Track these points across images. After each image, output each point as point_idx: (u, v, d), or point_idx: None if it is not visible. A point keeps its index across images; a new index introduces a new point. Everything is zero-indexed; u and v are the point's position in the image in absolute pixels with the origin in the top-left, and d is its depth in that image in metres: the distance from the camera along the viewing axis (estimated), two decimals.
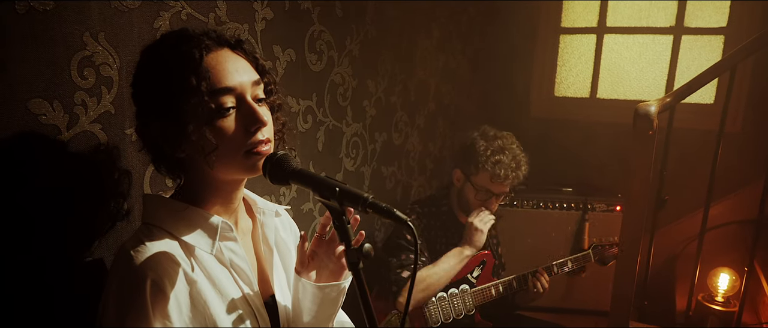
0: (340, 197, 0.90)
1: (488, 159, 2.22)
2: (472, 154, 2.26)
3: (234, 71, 0.97)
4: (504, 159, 2.22)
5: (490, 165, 2.21)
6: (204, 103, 0.92)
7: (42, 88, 0.99)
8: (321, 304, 1.14)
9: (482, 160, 2.22)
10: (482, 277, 2.38)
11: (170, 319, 0.92)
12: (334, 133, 2.09)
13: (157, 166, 1.04)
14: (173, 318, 0.92)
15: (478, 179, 2.27)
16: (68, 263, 1.06)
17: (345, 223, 0.92)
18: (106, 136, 1.12)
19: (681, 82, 2.32)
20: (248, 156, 0.98)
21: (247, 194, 1.17)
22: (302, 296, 1.15)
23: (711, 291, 2.72)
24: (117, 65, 1.13)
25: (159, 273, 0.92)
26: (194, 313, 0.96)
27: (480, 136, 2.29)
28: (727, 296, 2.66)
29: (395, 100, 2.58)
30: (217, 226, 1.02)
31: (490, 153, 2.23)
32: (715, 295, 2.69)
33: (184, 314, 0.95)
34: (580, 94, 3.89)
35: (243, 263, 1.06)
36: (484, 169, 2.23)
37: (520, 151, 2.29)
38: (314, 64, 1.90)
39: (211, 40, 0.97)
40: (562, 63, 3.89)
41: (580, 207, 3.27)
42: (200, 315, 0.97)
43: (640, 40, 3.66)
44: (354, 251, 0.90)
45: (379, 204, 0.87)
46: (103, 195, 1.13)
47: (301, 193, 1.93)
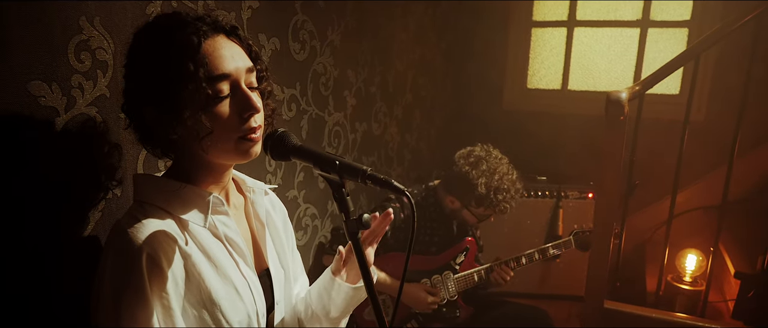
0: (340, 170, 0.94)
1: (492, 199, 2.24)
2: (471, 192, 2.25)
3: (230, 58, 0.98)
4: (507, 197, 2.26)
5: (495, 204, 2.25)
6: (201, 90, 0.93)
7: (41, 71, 1.01)
8: (350, 301, 1.26)
9: (486, 201, 2.25)
10: (465, 263, 2.44)
11: (167, 291, 0.94)
12: (317, 122, 2.12)
13: (145, 145, 1.06)
14: (169, 291, 0.95)
15: (480, 211, 2.32)
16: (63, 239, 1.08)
17: (344, 195, 0.95)
18: (101, 119, 1.14)
19: (648, 73, 2.41)
20: (241, 142, 1.00)
21: (235, 174, 1.20)
22: (335, 295, 1.25)
23: (679, 272, 2.83)
24: (112, 50, 1.15)
25: (154, 247, 0.94)
26: (189, 286, 0.99)
27: (474, 170, 2.26)
28: (694, 276, 2.78)
29: (374, 90, 2.63)
30: (209, 201, 1.04)
31: (493, 194, 2.23)
32: (683, 275, 2.80)
33: (179, 287, 0.97)
34: (552, 86, 3.99)
35: (237, 236, 1.08)
36: (489, 207, 2.27)
37: (514, 176, 2.31)
38: (298, 53, 1.93)
39: (208, 26, 0.98)
40: (534, 56, 3.99)
41: (554, 195, 3.37)
42: (195, 288, 0.99)
43: (608, 33, 3.78)
44: (353, 222, 0.94)
45: (378, 175, 0.92)
46: (98, 175, 1.15)
47: (286, 180, 1.96)
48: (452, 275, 2.40)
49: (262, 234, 1.21)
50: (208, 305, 1.00)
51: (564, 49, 3.88)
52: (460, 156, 2.35)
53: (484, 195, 2.23)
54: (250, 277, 1.09)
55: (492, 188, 2.23)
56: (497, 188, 2.23)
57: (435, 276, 2.38)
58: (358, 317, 2.28)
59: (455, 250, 2.43)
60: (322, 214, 2.26)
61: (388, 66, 2.76)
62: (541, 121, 3.79)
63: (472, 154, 2.32)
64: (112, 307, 0.91)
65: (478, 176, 2.24)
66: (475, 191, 2.23)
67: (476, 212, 2.32)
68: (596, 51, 3.83)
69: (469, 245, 2.46)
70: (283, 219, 1.32)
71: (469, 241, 2.47)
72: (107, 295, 0.92)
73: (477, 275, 2.41)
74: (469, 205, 2.31)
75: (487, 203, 2.25)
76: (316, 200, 2.17)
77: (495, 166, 2.27)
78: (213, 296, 1.01)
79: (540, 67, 4.00)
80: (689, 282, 2.78)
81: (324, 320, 1.27)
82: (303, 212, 2.10)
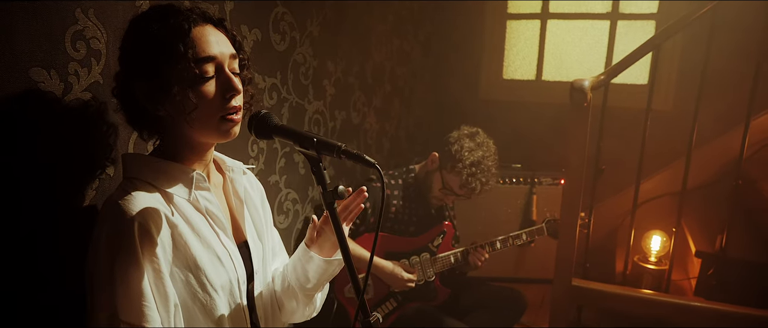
0: (318, 147, 1.05)
1: (466, 168, 2.36)
2: (455, 154, 2.38)
3: (215, 43, 1.09)
4: (479, 174, 2.37)
5: (466, 174, 2.36)
6: (189, 69, 1.04)
7: (40, 58, 1.09)
8: (323, 274, 1.33)
9: (459, 166, 2.36)
10: (442, 245, 2.56)
11: (157, 256, 1.04)
12: (297, 110, 2.21)
13: (134, 125, 1.15)
14: (159, 256, 1.05)
15: (450, 177, 2.42)
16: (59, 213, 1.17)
17: (321, 169, 1.06)
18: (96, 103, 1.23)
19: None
20: (222, 122, 1.11)
21: (216, 155, 1.30)
22: (308, 267, 1.32)
23: (645, 253, 2.97)
24: (104, 39, 1.23)
25: (145, 217, 1.03)
26: (176, 253, 1.09)
27: (468, 138, 2.41)
28: (659, 256, 2.92)
29: (353, 80, 2.72)
30: (193, 177, 1.15)
31: (470, 163, 2.36)
32: (649, 256, 2.94)
33: (167, 253, 1.07)
34: (527, 76, 4.12)
35: (217, 210, 1.19)
36: (458, 174, 2.38)
37: (494, 168, 2.44)
38: (278, 44, 2.02)
39: (197, 16, 1.09)
40: (509, 47, 4.11)
41: (528, 182, 3.50)
42: (182, 255, 1.10)
43: (580, 26, 3.91)
44: (330, 193, 1.05)
45: (351, 150, 1.03)
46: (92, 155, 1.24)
47: (268, 166, 2.05)
48: (430, 256, 2.51)
49: (240, 210, 1.31)
50: (194, 270, 1.11)
51: (538, 40, 4.01)
52: (463, 126, 2.49)
53: (462, 159, 2.36)
54: (229, 247, 1.20)
55: (472, 159, 2.36)
56: (476, 162, 2.37)
57: (413, 257, 2.49)
58: (339, 294, 2.38)
59: (433, 232, 2.55)
60: (303, 199, 2.36)
61: (367, 57, 2.86)
62: (517, 111, 3.91)
63: (474, 129, 2.48)
64: (108, 271, 1.01)
65: (468, 143, 2.39)
66: (458, 153, 2.37)
67: (447, 177, 2.43)
68: (568, 43, 3.97)
69: (446, 228, 2.57)
70: (260, 197, 1.42)
71: (446, 224, 2.58)
72: (103, 261, 1.02)
73: (454, 256, 2.52)
74: (444, 167, 2.43)
75: (460, 168, 2.36)
76: (297, 185, 2.26)
77: (485, 146, 2.42)
78: (198, 262, 1.11)
79: (515, 59, 4.12)
80: (654, 262, 2.92)
81: (299, 293, 1.35)
82: (284, 196, 2.19)
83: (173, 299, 1.07)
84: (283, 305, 1.39)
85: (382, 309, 2.46)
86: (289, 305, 1.38)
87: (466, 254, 2.52)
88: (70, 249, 1.17)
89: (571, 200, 2.31)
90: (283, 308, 1.39)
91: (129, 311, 1.01)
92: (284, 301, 1.38)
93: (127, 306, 1.01)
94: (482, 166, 2.38)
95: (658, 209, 3.53)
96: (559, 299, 2.43)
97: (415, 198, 2.54)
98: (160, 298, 1.05)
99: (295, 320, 1.42)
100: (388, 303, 2.47)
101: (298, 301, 1.37)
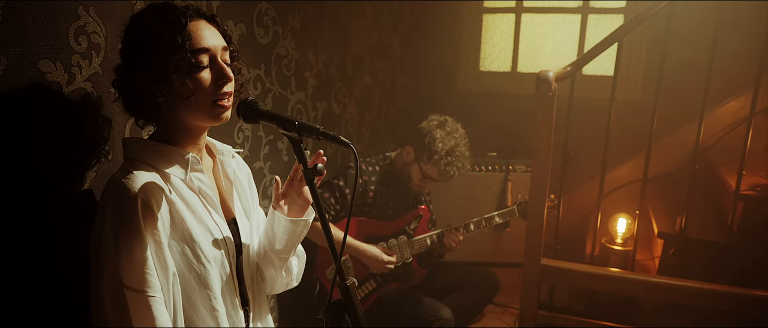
0: (299, 129, 1.19)
1: (442, 158, 2.51)
2: (428, 146, 2.53)
3: (209, 37, 1.22)
4: (455, 162, 2.53)
5: (443, 164, 2.52)
6: (186, 59, 1.17)
7: (47, 51, 1.21)
8: (291, 234, 1.42)
9: (436, 157, 2.52)
10: (419, 229, 2.70)
11: (157, 229, 1.17)
12: (280, 100, 2.33)
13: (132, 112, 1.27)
14: (159, 229, 1.17)
15: (428, 168, 2.57)
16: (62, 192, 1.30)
17: (302, 149, 1.20)
18: (95, 93, 1.35)
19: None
20: (215, 106, 1.23)
21: (208, 140, 1.42)
22: (276, 228, 1.42)
23: (612, 235, 3.13)
24: (104, 34, 1.36)
25: (146, 194, 1.16)
26: (173, 227, 1.21)
27: (438, 128, 2.56)
28: (624, 238, 3.08)
29: (334, 72, 2.84)
30: (188, 159, 1.27)
31: (445, 153, 2.52)
32: (615, 238, 3.11)
33: (166, 227, 1.19)
34: (503, 68, 4.27)
35: (209, 189, 1.31)
36: (436, 164, 2.53)
37: (467, 151, 2.61)
38: (262, 37, 2.14)
39: (193, 12, 1.21)
40: (485, 40, 4.25)
41: (503, 169, 3.65)
42: (179, 229, 1.22)
43: (553, 19, 4.07)
44: (310, 170, 1.19)
45: (328, 132, 1.17)
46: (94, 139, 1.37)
47: (253, 153, 2.18)
48: (407, 239, 2.65)
49: (229, 190, 1.44)
50: (189, 242, 1.23)
51: (513, 34, 4.15)
52: (431, 116, 2.64)
53: (437, 151, 2.51)
54: (220, 223, 1.33)
55: (446, 148, 2.51)
56: (450, 150, 2.52)
57: (391, 240, 2.62)
58: (321, 276, 2.51)
59: (410, 216, 2.68)
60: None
61: (347, 50, 2.98)
62: (493, 101, 4.05)
63: (442, 118, 2.62)
64: (113, 243, 1.13)
65: (440, 134, 2.54)
66: (432, 145, 2.51)
67: (425, 168, 2.58)
68: (542, 36, 4.12)
69: (422, 212, 2.71)
70: (248, 179, 1.55)
71: (422, 208, 2.72)
72: (108, 234, 1.13)
73: (430, 239, 2.66)
74: (421, 159, 2.57)
75: (437, 159, 2.51)
76: (280, 171, 2.38)
77: (456, 133, 2.57)
78: (192, 235, 1.24)
79: (492, 51, 4.27)
80: (621, 244, 3.09)
81: (272, 255, 1.46)
82: (269, 182, 2.31)
83: (172, 269, 1.19)
84: (263, 274, 1.51)
85: (362, 290, 2.60)
86: (268, 273, 1.50)
87: (441, 236, 2.66)
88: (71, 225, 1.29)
89: (539, 183, 2.46)
90: (264, 278, 1.52)
91: (133, 278, 1.13)
92: (263, 269, 1.50)
93: (131, 274, 1.13)
94: (456, 153, 2.53)
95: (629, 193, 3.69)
96: (529, 277, 2.58)
97: (392, 184, 2.68)
98: (160, 267, 1.17)
99: (276, 289, 1.55)
100: (367, 284, 2.60)
101: (275, 268, 1.48)
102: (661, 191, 3.42)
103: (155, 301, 1.15)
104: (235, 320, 1.36)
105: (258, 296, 1.50)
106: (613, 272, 2.66)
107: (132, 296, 1.13)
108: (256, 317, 1.47)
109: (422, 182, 2.64)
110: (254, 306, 1.46)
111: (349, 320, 1.15)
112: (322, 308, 1.18)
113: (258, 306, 1.49)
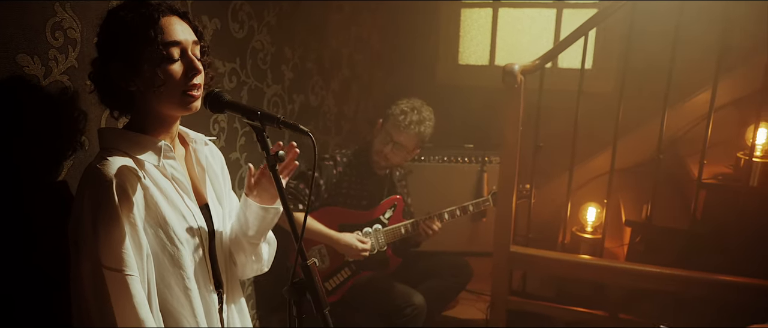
0: (261, 118, 1.28)
1: (399, 110, 2.64)
2: (392, 110, 2.68)
3: (180, 31, 1.30)
4: (409, 113, 2.63)
5: (398, 113, 2.63)
6: (158, 51, 1.25)
7: (26, 46, 1.29)
8: (261, 221, 1.51)
9: (395, 111, 2.65)
10: (393, 218, 2.78)
11: (132, 213, 1.24)
12: (256, 92, 2.40)
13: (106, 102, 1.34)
14: (134, 212, 1.24)
15: (388, 125, 2.67)
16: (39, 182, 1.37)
17: (265, 137, 1.29)
18: (72, 85, 1.43)
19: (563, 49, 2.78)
20: (184, 96, 1.31)
21: (181, 129, 1.49)
22: (248, 214, 1.51)
23: (582, 224, 3.23)
24: (79, 29, 1.43)
25: (121, 179, 1.23)
26: (147, 211, 1.29)
27: (405, 100, 2.71)
28: (594, 226, 3.18)
29: (310, 66, 2.91)
30: (161, 146, 1.34)
31: (401, 110, 2.64)
32: (585, 226, 3.20)
33: (141, 211, 1.27)
34: (481, 62, 4.35)
35: (181, 176, 1.39)
36: (393, 116, 2.64)
37: (427, 114, 2.70)
38: (237, 32, 2.20)
39: (165, 8, 1.29)
40: (464, 34, 4.33)
41: (479, 160, 3.73)
42: (152, 212, 1.30)
43: (529, 13, 4.15)
44: (272, 157, 1.27)
45: (288, 121, 1.25)
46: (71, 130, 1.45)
47: (229, 143, 2.25)
48: (382, 227, 2.73)
49: (202, 177, 1.51)
50: (162, 225, 1.31)
51: (490, 27, 4.24)
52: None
53: (395, 106, 2.67)
54: (192, 207, 1.40)
55: (406, 108, 2.65)
56: (410, 108, 2.66)
57: (366, 229, 2.70)
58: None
59: (384, 205, 2.77)
60: None
61: (324, 44, 3.05)
62: (472, 94, 4.12)
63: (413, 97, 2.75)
64: (91, 226, 1.20)
65: (403, 100, 2.70)
66: (395, 107, 2.67)
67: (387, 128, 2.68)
68: (519, 30, 4.21)
69: (397, 202, 2.80)
70: (221, 166, 1.62)
71: (397, 198, 2.81)
72: (86, 217, 1.21)
73: (404, 227, 2.75)
74: (386, 123, 2.69)
75: (396, 113, 2.64)
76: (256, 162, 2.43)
77: (418, 102, 2.70)
78: (166, 218, 1.31)
79: (470, 45, 4.35)
80: (591, 232, 3.18)
81: (243, 241, 1.54)
82: (245, 172, 2.38)
83: (146, 249, 1.27)
84: (235, 258, 1.59)
85: (338, 278, 2.68)
86: (239, 258, 1.58)
87: (416, 225, 2.74)
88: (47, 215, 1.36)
89: (507, 172, 2.55)
90: (235, 262, 1.60)
91: (110, 258, 1.20)
92: (234, 254, 1.58)
93: (108, 254, 1.20)
94: (415, 110, 2.65)
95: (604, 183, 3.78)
96: (499, 264, 2.68)
97: (366, 174, 2.76)
98: (135, 248, 1.24)
99: (247, 274, 1.63)
100: (343, 272, 2.69)
101: (245, 253, 1.56)
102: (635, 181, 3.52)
103: (132, 279, 1.22)
104: (208, 301, 1.44)
105: (231, 279, 1.58)
106: (580, 259, 2.76)
107: (110, 275, 1.20)
108: (229, 299, 1.55)
109: (380, 143, 2.71)
110: (228, 289, 1.54)
111: (310, 296, 1.23)
112: (286, 286, 1.26)
113: (231, 289, 1.57)
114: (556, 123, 2.86)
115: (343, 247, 2.58)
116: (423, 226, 2.73)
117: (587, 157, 3.88)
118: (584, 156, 3.69)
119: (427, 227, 2.73)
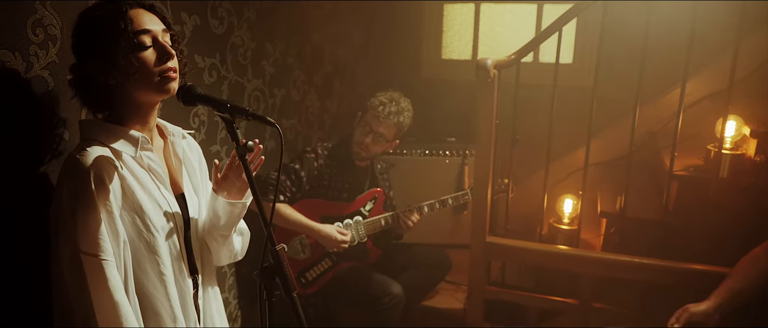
0: (231, 111, 1.33)
1: (378, 101, 2.71)
2: (370, 101, 2.74)
3: (149, 21, 1.37)
4: (388, 104, 2.70)
5: (377, 104, 2.70)
6: (130, 40, 1.31)
7: (7, 42, 1.35)
8: (229, 215, 1.57)
9: (374, 102, 2.71)
10: (374, 210, 2.84)
11: (109, 201, 1.30)
12: (236, 87, 2.45)
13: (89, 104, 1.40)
14: (111, 200, 1.30)
15: (367, 116, 2.74)
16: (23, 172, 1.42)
17: (234, 128, 1.35)
18: (53, 80, 1.50)
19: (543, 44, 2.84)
20: (161, 80, 1.37)
21: (159, 121, 1.55)
22: (217, 208, 1.57)
23: (559, 215, 3.31)
24: (59, 26, 1.49)
25: (99, 168, 1.29)
26: (124, 199, 1.35)
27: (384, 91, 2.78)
28: (571, 217, 3.26)
29: (292, 61, 2.96)
30: (138, 138, 1.40)
31: (380, 101, 2.71)
32: (562, 218, 3.28)
33: (118, 199, 1.33)
34: (464, 57, 4.41)
35: (158, 167, 1.45)
36: (372, 108, 2.71)
37: (405, 105, 2.76)
38: (216, 28, 2.25)
39: (132, 2, 1.36)
40: (447, 29, 4.39)
41: (460, 154, 3.80)
42: (129, 201, 1.36)
43: (510, 9, 4.22)
44: (241, 147, 1.33)
45: (257, 113, 1.31)
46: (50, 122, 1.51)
47: (209, 136, 2.30)
48: (362, 219, 2.79)
49: (179, 168, 1.57)
50: (139, 213, 1.37)
51: (473, 23, 4.30)
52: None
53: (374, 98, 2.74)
54: (168, 197, 1.46)
55: (385, 103, 2.71)
56: (388, 98, 2.72)
57: (347, 220, 2.77)
58: None
59: (365, 198, 2.83)
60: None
61: (305, 40, 3.10)
62: (456, 89, 4.16)
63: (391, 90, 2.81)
64: (69, 213, 1.26)
65: (382, 94, 2.75)
66: (373, 98, 2.74)
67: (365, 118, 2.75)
68: (501, 25, 4.28)
69: (377, 194, 2.86)
70: (198, 157, 1.68)
71: (378, 191, 2.87)
72: (65, 205, 1.27)
73: (384, 220, 2.81)
74: (366, 114, 2.76)
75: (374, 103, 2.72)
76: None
77: (398, 99, 2.75)
78: (142, 206, 1.37)
79: (453, 40, 4.42)
80: (567, 223, 3.26)
81: (214, 233, 1.60)
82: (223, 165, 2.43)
83: (123, 236, 1.33)
84: (209, 246, 1.65)
85: (318, 268, 2.74)
86: (211, 246, 1.64)
87: (396, 218, 2.81)
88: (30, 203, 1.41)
89: (483, 164, 2.62)
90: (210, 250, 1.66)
91: (88, 243, 1.26)
92: (207, 242, 1.64)
93: (86, 239, 1.26)
94: (393, 101, 2.72)
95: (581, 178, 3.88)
96: (476, 254, 2.75)
97: (347, 166, 2.82)
98: (112, 234, 1.30)
99: (222, 261, 1.69)
100: (323, 262, 2.75)
101: (217, 243, 1.62)
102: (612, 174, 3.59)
103: (108, 264, 1.28)
104: (183, 286, 1.50)
105: (207, 266, 1.64)
106: (555, 249, 2.83)
107: (87, 260, 1.26)
108: (204, 285, 1.62)
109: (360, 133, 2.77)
110: (203, 275, 1.61)
111: (279, 280, 1.29)
112: (256, 270, 1.32)
113: (207, 275, 1.63)
114: (537, 117, 2.92)
115: (323, 238, 2.64)
116: (402, 218, 2.79)
117: (568, 150, 3.95)
118: (565, 149, 3.76)
119: (406, 220, 2.79)
